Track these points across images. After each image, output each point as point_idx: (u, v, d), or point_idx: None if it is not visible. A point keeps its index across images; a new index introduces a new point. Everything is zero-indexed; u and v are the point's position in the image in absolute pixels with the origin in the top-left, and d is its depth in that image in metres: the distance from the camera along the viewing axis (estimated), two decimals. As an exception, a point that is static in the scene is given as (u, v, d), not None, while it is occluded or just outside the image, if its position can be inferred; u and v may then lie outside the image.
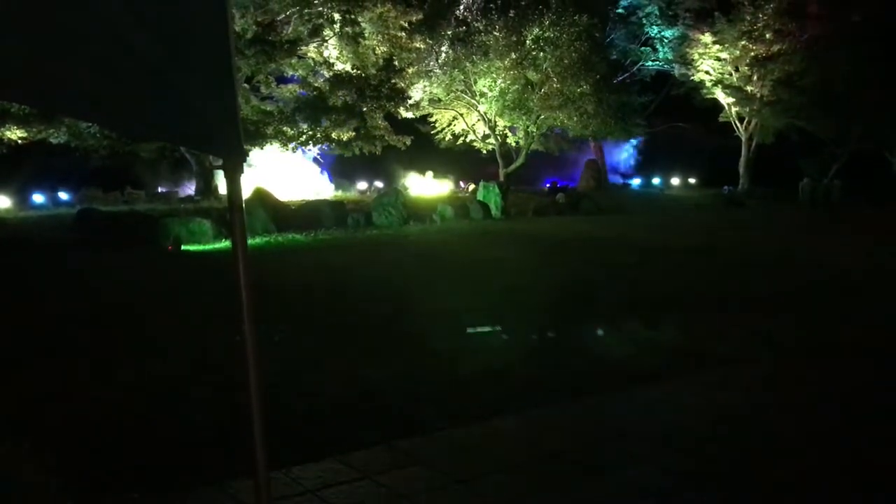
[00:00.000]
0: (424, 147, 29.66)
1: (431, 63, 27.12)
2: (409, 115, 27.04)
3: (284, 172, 25.88)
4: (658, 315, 7.64)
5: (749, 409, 4.64)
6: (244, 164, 2.06)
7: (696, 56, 30.65)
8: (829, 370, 5.58)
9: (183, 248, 14.15)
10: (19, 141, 20.64)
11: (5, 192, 21.02)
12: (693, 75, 31.37)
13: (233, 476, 3.52)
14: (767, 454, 3.86)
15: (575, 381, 5.36)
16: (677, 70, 32.44)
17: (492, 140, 28.96)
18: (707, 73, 30.93)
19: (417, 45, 25.62)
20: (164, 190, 25.84)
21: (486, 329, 7.03)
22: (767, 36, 28.90)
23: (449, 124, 30.22)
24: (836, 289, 9.49)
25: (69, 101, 1.71)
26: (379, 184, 29.42)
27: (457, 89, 27.38)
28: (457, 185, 30.01)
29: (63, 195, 22.88)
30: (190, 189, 24.99)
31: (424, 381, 5.32)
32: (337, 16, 22.26)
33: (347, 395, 4.97)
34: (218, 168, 1.98)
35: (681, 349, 6.23)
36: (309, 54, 23.07)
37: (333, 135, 23.01)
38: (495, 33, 25.96)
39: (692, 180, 36.45)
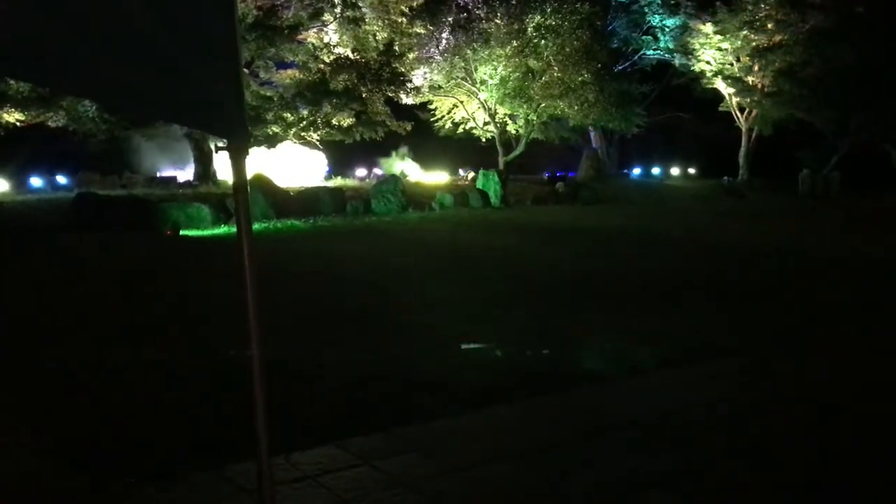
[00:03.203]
0: (424, 135, 29.60)
1: (432, 49, 27.00)
2: (410, 101, 26.98)
3: (283, 159, 25.83)
4: (652, 306, 7.65)
5: (744, 400, 4.64)
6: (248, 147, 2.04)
7: (697, 46, 30.51)
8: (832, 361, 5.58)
9: (182, 232, 14.12)
10: (17, 124, 20.57)
11: (3, 175, 20.93)
12: (694, 65, 31.24)
13: (231, 461, 3.51)
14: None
15: (573, 370, 5.36)
16: (678, 60, 32.29)
17: (492, 128, 28.88)
18: (708, 63, 30.81)
19: (418, 31, 25.52)
20: (162, 174, 25.74)
21: (484, 317, 7.03)
22: (769, 26, 28.78)
23: (449, 112, 30.13)
24: (843, 281, 9.50)
25: (73, 80, 1.68)
26: (378, 171, 29.36)
27: (457, 76, 27.26)
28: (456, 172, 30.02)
29: (61, 179, 22.78)
30: (188, 174, 24.91)
31: (422, 369, 5.31)
32: (337, 0, 22.15)
33: (346, 382, 4.96)
34: (222, 149, 1.95)
35: (675, 340, 6.22)
36: (309, 39, 22.97)
37: (334, 120, 22.95)
38: (496, 20, 25.83)
39: (691, 170, 36.40)
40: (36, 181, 21.89)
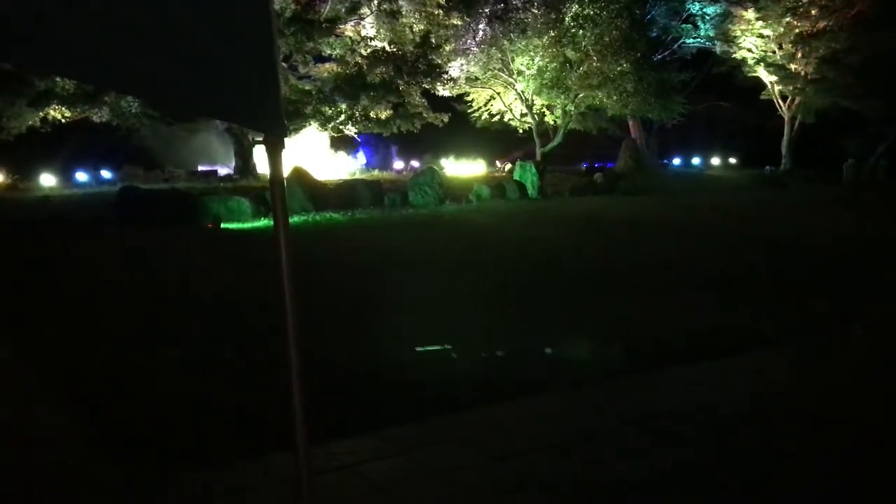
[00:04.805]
0: (461, 126, 29.57)
1: (468, 41, 26.92)
2: (446, 92, 26.95)
3: (321, 152, 26.05)
4: (695, 298, 7.58)
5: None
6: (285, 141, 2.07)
7: (738, 33, 29.99)
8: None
9: (223, 226, 14.31)
10: (63, 120, 21.03)
11: (50, 170, 21.46)
12: (735, 53, 30.72)
13: (268, 450, 3.56)
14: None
15: (611, 361, 5.34)
16: (719, 47, 31.77)
17: (529, 119, 28.74)
18: (749, 50, 30.26)
19: (455, 22, 25.44)
20: (203, 168, 26.13)
21: (525, 308, 7.02)
22: (813, 12, 28.17)
23: (486, 103, 30.05)
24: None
25: (114, 75, 1.72)
26: (415, 163, 29.44)
27: (494, 67, 27.17)
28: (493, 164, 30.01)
29: (105, 173, 23.26)
30: (229, 168, 25.26)
31: (459, 359, 5.33)
32: (374, -7, 22.26)
33: (382, 373, 4.99)
34: (259, 143, 1.97)
35: (713, 331, 6.15)
36: (346, 33, 23.06)
37: (372, 113, 23.03)
38: (534, 10, 25.67)
39: (732, 160, 35.84)
40: (81, 175, 22.39)
